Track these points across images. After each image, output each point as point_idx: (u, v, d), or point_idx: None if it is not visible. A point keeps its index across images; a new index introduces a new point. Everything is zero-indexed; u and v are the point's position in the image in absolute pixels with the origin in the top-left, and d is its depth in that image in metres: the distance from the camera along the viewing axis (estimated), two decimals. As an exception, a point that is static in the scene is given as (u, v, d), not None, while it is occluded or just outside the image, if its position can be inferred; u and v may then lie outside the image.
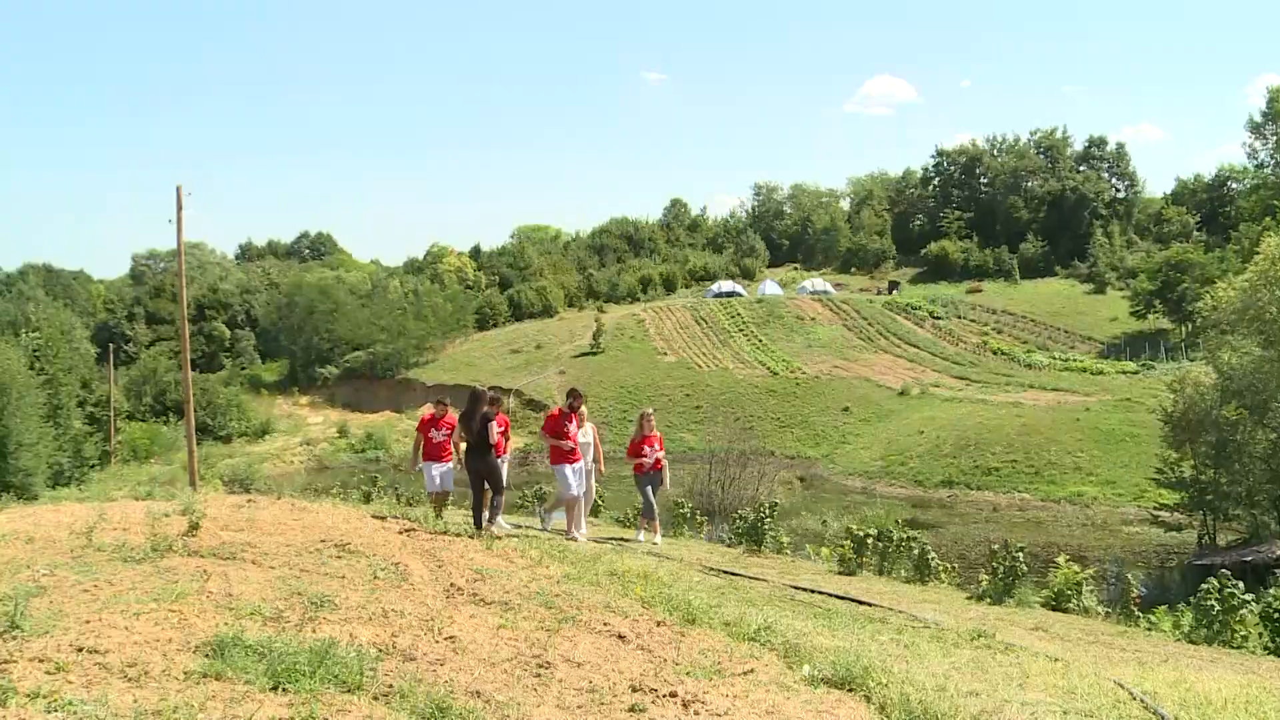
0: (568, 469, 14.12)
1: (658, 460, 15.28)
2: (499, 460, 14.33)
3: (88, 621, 5.33)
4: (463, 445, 13.51)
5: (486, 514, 12.48)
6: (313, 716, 4.19)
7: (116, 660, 4.65)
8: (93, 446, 56.85)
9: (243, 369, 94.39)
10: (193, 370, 39.60)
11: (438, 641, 5.76)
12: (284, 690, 4.46)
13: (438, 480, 14.58)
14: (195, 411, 33.92)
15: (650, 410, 16.19)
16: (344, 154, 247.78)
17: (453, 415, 14.65)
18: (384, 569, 8.03)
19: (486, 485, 12.40)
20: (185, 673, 4.56)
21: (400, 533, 10.31)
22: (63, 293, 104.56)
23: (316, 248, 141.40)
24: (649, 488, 15.14)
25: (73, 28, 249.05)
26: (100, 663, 4.62)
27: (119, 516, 9.82)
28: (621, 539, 15.10)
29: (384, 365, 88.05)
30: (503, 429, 14.66)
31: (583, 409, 15.22)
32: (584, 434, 14.85)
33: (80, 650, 4.76)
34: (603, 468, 15.42)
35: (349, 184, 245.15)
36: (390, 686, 4.70)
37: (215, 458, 58.74)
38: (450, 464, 14.71)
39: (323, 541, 8.98)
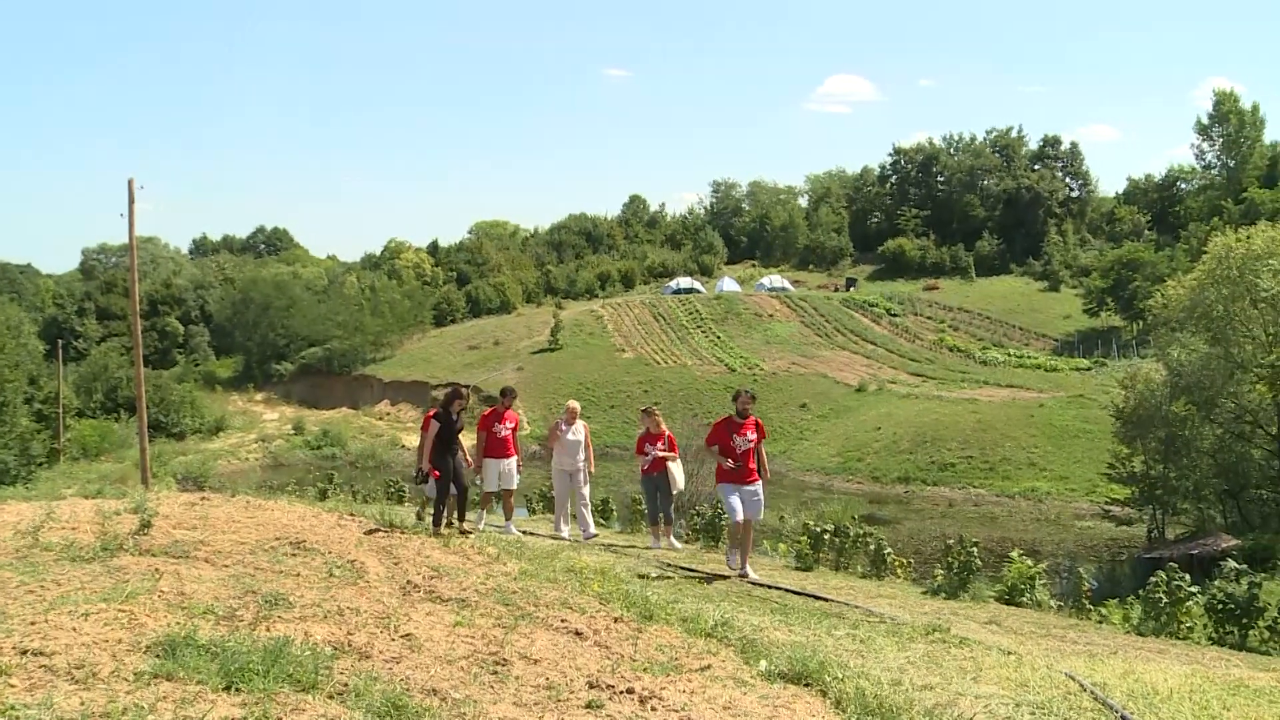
0: (734, 494, 11.62)
1: (658, 459, 14.39)
2: (509, 460, 13.93)
3: (33, 623, 5.24)
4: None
5: (483, 516, 12.14)
6: (266, 716, 4.14)
7: (63, 662, 4.57)
8: (40, 444, 55.70)
9: (197, 365, 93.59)
10: (145, 366, 39.06)
11: (393, 639, 5.72)
12: (237, 690, 4.41)
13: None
14: (148, 408, 33.46)
15: (654, 405, 15.24)
16: (301, 149, 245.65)
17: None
18: (340, 567, 7.98)
19: (451, 487, 12.15)
20: (135, 674, 4.49)
21: (362, 532, 10.23)
22: (9, 287, 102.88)
23: (272, 243, 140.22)
24: (657, 490, 14.40)
25: (20, 17, 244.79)
26: (46, 665, 4.54)
27: (68, 515, 9.67)
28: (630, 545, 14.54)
29: (341, 361, 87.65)
30: (513, 426, 14.23)
31: (575, 406, 14.84)
32: (575, 432, 14.47)
33: (25, 653, 4.67)
34: (593, 467, 14.84)
35: (306, 179, 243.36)
36: (345, 685, 4.66)
37: (168, 455, 58.00)
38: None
39: (277, 539, 8.90)
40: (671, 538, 14.82)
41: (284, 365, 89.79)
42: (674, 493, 14.91)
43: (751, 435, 11.62)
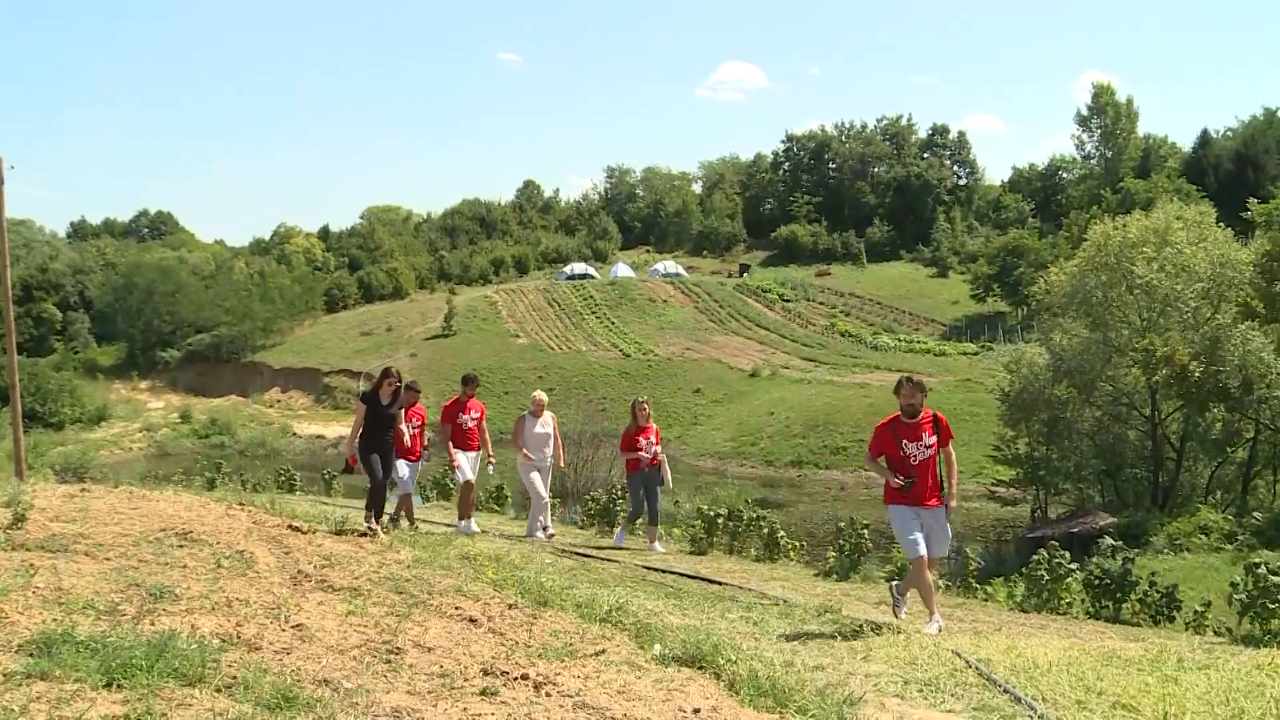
0: (912, 518, 8.39)
1: (655, 455, 13.77)
2: (472, 453, 13.37)
3: (-105, 624, 5.01)
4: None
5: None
6: (150, 712, 4.01)
7: (-74, 664, 4.37)
8: (-99, 437, 53.32)
9: (76, 353, 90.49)
10: (20, 354, 37.59)
11: (284, 630, 5.61)
12: (119, 687, 4.26)
13: (407, 478, 12.66)
14: (23, 397, 32.25)
15: (644, 399, 14.62)
16: (186, 129, 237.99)
17: (421, 405, 13.24)
18: (228, 557, 7.78)
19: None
20: (5, 674, 4.30)
21: (250, 521, 10.00)
22: None
23: (156, 227, 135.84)
24: (644, 487, 13.70)
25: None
26: (-94, 669, 4.33)
27: (-66, 510, 9.25)
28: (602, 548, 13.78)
29: (229, 348, 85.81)
30: (478, 416, 13.56)
31: (542, 397, 14.20)
32: (543, 424, 13.79)
33: (-117, 656, 4.46)
34: (562, 461, 14.34)
35: (191, 161, 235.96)
36: (234, 678, 4.55)
37: (45, 446, 55.87)
38: (419, 463, 13.18)
39: (163, 530, 8.64)
40: (656, 541, 14.09)
41: (170, 352, 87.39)
42: (666, 489, 14.35)
43: (929, 439, 8.56)
